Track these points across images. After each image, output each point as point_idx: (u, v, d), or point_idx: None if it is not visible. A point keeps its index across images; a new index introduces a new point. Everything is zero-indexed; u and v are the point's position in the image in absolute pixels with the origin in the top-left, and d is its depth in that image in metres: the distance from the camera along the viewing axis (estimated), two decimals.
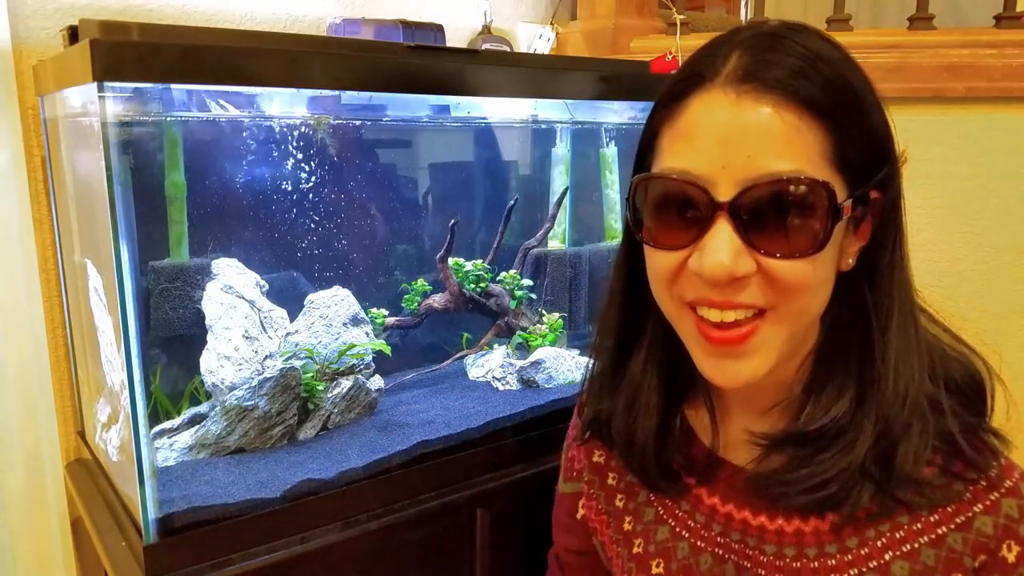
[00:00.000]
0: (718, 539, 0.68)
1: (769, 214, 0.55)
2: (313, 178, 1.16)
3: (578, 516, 0.82)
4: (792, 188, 0.55)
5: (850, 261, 0.62)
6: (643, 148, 0.64)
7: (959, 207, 1.28)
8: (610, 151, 1.41)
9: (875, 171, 0.59)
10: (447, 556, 1.02)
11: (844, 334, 0.62)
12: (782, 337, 0.59)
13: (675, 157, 0.58)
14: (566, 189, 1.39)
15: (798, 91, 0.55)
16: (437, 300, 1.28)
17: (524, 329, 1.32)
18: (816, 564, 0.62)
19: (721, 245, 0.56)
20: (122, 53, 0.74)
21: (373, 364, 1.14)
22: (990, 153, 1.25)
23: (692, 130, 0.57)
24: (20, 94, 1.07)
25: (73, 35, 0.87)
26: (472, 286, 1.30)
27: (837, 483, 0.59)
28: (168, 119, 0.99)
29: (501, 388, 1.23)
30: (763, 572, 0.65)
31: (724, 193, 0.56)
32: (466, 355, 1.32)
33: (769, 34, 0.58)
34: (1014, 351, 1.22)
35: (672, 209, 0.59)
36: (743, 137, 0.55)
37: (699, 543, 0.69)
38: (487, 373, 1.27)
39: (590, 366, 0.77)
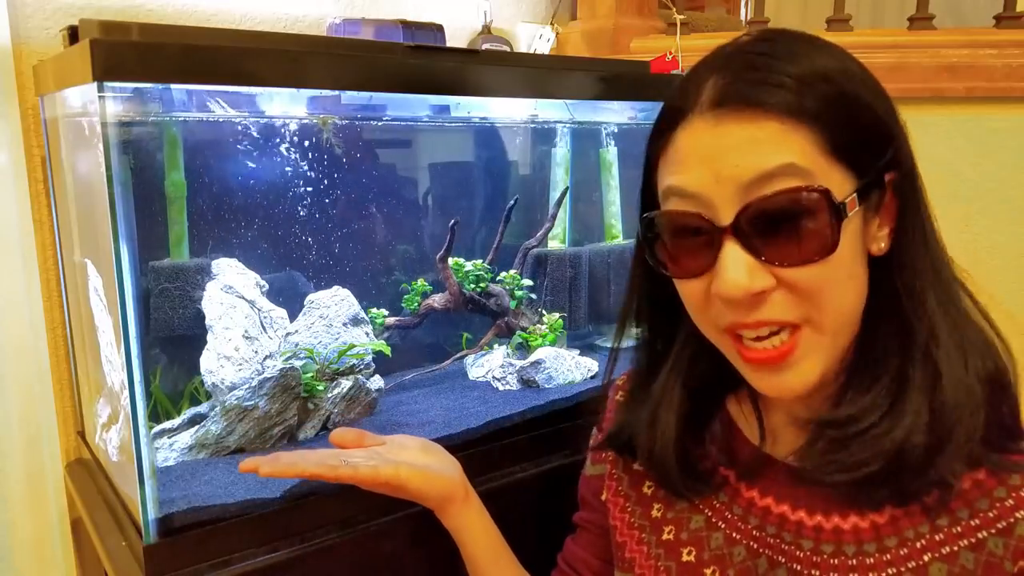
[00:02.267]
0: (754, 532, 0.68)
1: (773, 227, 0.57)
2: (313, 178, 1.16)
3: (603, 498, 0.82)
4: (789, 198, 0.56)
5: (882, 245, 0.61)
6: (645, 174, 0.66)
7: (959, 207, 1.28)
8: (610, 151, 1.41)
9: (881, 152, 0.59)
10: (447, 556, 1.02)
11: (883, 319, 0.62)
12: (826, 342, 0.60)
13: (672, 178, 0.61)
14: (566, 189, 1.39)
15: (773, 101, 0.56)
16: (437, 300, 1.28)
17: (524, 329, 1.32)
18: (854, 562, 0.62)
19: (733, 265, 0.58)
20: (122, 53, 0.74)
21: (373, 364, 1.14)
22: (990, 153, 1.25)
23: (682, 157, 0.60)
24: (20, 94, 1.07)
25: (73, 35, 0.87)
26: (472, 286, 1.30)
27: (875, 464, 0.59)
28: (168, 119, 0.99)
29: (501, 388, 1.23)
30: (799, 567, 0.64)
31: (725, 215, 0.58)
32: (466, 355, 1.32)
33: (737, 53, 0.60)
34: (1016, 353, 1.22)
35: (682, 240, 0.62)
36: (728, 149, 0.57)
37: (734, 534, 0.69)
38: (487, 373, 1.27)
39: (633, 366, 0.78)
